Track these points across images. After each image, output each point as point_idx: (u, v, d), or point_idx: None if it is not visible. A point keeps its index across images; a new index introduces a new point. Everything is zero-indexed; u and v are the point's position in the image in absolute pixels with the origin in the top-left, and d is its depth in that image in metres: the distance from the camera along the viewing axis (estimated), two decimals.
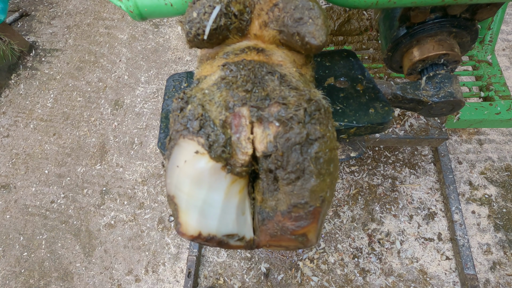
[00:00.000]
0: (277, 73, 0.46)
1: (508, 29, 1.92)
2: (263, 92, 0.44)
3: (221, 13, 0.49)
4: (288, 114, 0.41)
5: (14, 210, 1.70)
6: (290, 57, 0.53)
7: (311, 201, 0.41)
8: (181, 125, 0.44)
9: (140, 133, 1.85)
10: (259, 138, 0.43)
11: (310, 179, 0.41)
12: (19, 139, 1.92)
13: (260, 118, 0.43)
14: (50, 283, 1.52)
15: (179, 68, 2.06)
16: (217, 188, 0.43)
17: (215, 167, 0.42)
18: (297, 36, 0.49)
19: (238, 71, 0.46)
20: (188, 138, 0.43)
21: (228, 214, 0.44)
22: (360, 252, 1.42)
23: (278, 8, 0.51)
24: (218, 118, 0.43)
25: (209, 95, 0.45)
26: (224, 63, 0.49)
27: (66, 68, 2.14)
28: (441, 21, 0.73)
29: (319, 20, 0.48)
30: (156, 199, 1.65)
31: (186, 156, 0.43)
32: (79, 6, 2.41)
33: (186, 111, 0.44)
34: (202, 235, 0.44)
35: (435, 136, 1.31)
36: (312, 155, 0.41)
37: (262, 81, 0.45)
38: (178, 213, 0.44)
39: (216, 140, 0.42)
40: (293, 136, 0.41)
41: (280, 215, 0.43)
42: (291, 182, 0.41)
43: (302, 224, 0.42)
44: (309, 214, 0.42)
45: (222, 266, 1.46)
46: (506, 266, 1.35)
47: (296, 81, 0.47)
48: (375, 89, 0.70)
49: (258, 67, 0.47)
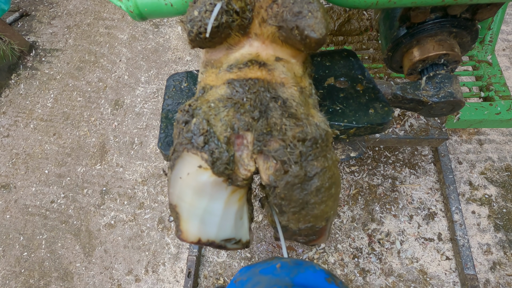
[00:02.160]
0: (280, 99, 0.48)
1: (508, 29, 1.92)
2: (267, 126, 0.46)
3: (222, 10, 0.49)
4: (284, 155, 0.43)
5: (14, 210, 1.70)
6: (291, 70, 0.53)
7: (317, 223, 0.45)
8: (185, 138, 0.44)
9: (140, 133, 1.85)
10: (262, 169, 0.45)
11: (314, 209, 0.44)
12: (19, 139, 1.92)
13: (261, 151, 0.45)
14: (50, 283, 1.52)
15: (179, 68, 2.06)
16: (218, 198, 0.45)
17: (217, 181, 0.44)
18: (296, 30, 0.49)
19: (244, 93, 0.48)
20: (192, 153, 0.44)
21: (227, 221, 0.46)
22: (360, 252, 1.42)
23: (277, 4, 0.51)
24: (223, 135, 0.44)
25: (214, 110, 0.46)
26: (230, 80, 0.50)
27: (66, 68, 2.14)
28: (441, 21, 0.73)
29: (318, 13, 0.48)
30: (156, 199, 1.65)
31: (190, 169, 0.44)
32: (79, 6, 2.41)
33: (191, 124, 0.45)
34: (202, 241, 0.45)
35: (435, 136, 1.31)
36: (313, 189, 0.43)
37: (267, 109, 0.47)
38: (180, 222, 0.45)
39: (220, 157, 0.43)
40: (291, 178, 0.43)
41: (291, 232, 0.46)
42: (296, 212, 0.44)
43: (312, 239, 0.47)
44: (317, 232, 0.46)
45: (222, 266, 1.46)
46: (506, 266, 1.35)
47: (296, 105, 0.48)
48: (375, 89, 0.70)
49: (262, 91, 0.48)
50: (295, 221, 0.44)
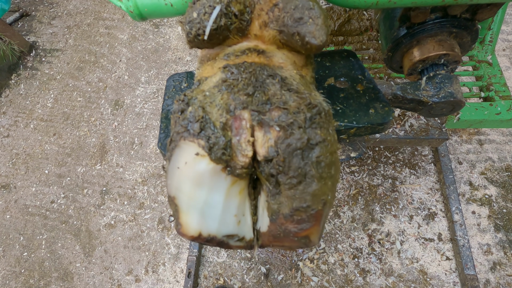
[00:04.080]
0: (278, 76, 0.46)
1: (508, 29, 1.92)
2: (264, 96, 0.44)
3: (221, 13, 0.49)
4: (288, 119, 0.42)
5: (14, 210, 1.70)
6: (291, 58, 0.53)
7: (313, 204, 0.42)
8: (181, 127, 0.44)
9: (140, 133, 1.85)
10: (260, 142, 0.43)
11: (312, 183, 0.41)
12: (19, 139, 1.92)
13: (260, 122, 0.43)
14: (50, 283, 1.52)
15: (179, 68, 2.06)
16: (217, 189, 0.43)
17: (215, 169, 0.42)
18: (297, 36, 0.49)
19: (239, 73, 0.46)
20: (188, 140, 0.43)
21: (228, 215, 0.45)
22: (360, 253, 1.42)
23: (278, 8, 0.50)
24: (219, 121, 0.43)
25: (210, 97, 0.45)
26: (225, 65, 0.48)
27: (66, 68, 2.14)
28: (442, 21, 0.73)
29: (319, 20, 0.48)
30: (156, 199, 1.65)
31: (187, 158, 0.43)
32: (80, 6, 2.41)
33: (187, 113, 0.44)
34: (202, 235, 0.44)
35: (435, 136, 1.31)
36: (313, 159, 0.41)
37: (263, 84, 0.45)
38: (179, 214, 0.44)
39: (216, 142, 0.42)
40: (294, 141, 0.41)
41: (282, 218, 0.43)
42: (293, 186, 0.41)
43: (305, 227, 0.43)
44: (311, 217, 0.43)
45: (222, 266, 1.46)
46: (506, 266, 1.35)
47: (296, 84, 0.47)
48: (375, 89, 0.70)
49: (259, 70, 0.47)
50: (290, 199, 0.42)
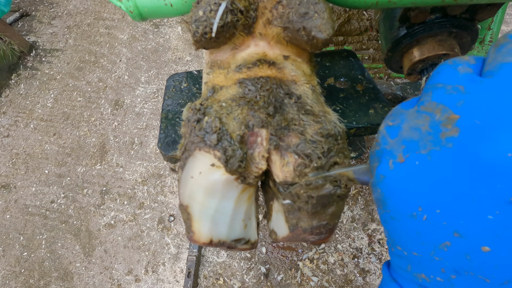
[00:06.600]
0: (294, 96, 0.48)
1: (508, 30, 1.93)
2: (283, 121, 0.45)
3: (227, 9, 0.49)
4: (307, 149, 0.42)
5: (14, 210, 1.70)
6: (300, 68, 0.53)
7: (331, 221, 0.44)
8: (197, 137, 0.44)
9: (140, 133, 1.85)
10: (278, 165, 0.44)
11: (332, 206, 0.42)
12: (19, 139, 1.92)
13: (278, 146, 0.44)
14: (50, 283, 1.52)
15: (179, 68, 2.06)
16: (228, 197, 0.44)
17: (229, 179, 0.43)
18: (303, 31, 0.49)
19: (257, 91, 0.47)
20: (204, 151, 0.43)
21: (237, 221, 0.46)
22: (360, 252, 1.42)
23: (281, 5, 0.51)
24: (236, 133, 0.43)
25: (226, 109, 0.46)
26: (241, 80, 0.49)
27: (66, 68, 2.14)
28: (441, 22, 0.73)
29: (325, 14, 0.48)
30: (156, 199, 1.65)
31: (202, 168, 0.43)
32: (80, 6, 2.41)
33: (203, 122, 0.44)
34: (213, 241, 0.45)
35: None
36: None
37: (282, 106, 0.46)
38: (192, 222, 0.45)
39: (233, 155, 0.42)
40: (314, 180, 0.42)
41: (301, 231, 0.45)
42: (316, 212, 0.43)
43: (322, 237, 0.46)
44: (329, 230, 0.45)
45: (222, 266, 1.46)
46: None
47: (311, 102, 0.48)
48: (375, 89, 0.70)
49: (275, 88, 0.48)
50: (309, 219, 0.43)
